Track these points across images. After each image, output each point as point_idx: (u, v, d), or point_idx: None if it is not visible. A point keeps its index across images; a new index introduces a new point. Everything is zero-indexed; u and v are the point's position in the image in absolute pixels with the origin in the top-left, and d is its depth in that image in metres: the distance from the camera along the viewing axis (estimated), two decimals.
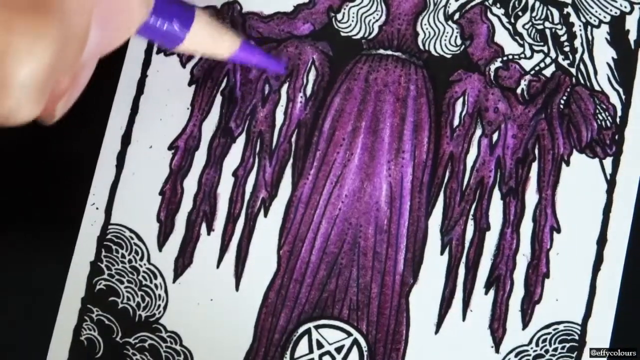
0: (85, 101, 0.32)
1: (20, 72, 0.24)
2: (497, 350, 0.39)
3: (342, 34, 0.40)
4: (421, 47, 0.40)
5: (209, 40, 0.36)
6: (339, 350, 0.39)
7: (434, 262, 0.39)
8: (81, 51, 0.27)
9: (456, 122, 0.40)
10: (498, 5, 0.40)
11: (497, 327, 0.39)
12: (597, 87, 0.40)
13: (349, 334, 0.39)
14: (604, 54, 0.40)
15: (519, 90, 0.40)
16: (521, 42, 0.40)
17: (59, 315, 0.39)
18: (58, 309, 0.39)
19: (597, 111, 0.39)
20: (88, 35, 0.27)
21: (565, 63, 0.40)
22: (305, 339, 0.39)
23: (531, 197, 0.39)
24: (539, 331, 0.39)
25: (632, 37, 0.40)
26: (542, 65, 0.40)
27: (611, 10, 0.40)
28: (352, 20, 0.40)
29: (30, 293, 0.40)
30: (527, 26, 0.40)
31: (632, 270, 0.39)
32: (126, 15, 0.29)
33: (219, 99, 0.40)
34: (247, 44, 0.38)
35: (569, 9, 0.40)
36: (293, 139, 0.40)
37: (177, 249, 0.39)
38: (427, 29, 0.40)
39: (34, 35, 0.23)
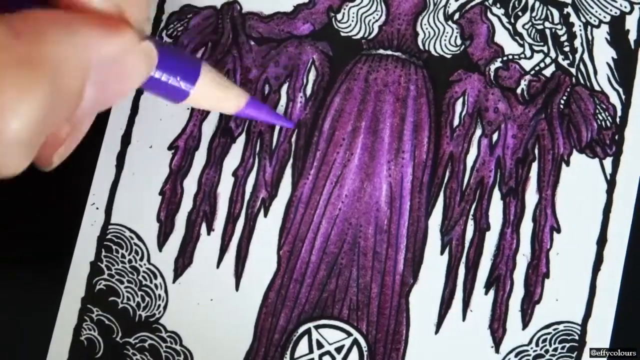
0: None
1: (8, 127, 0.23)
2: (497, 351, 0.39)
3: (342, 34, 0.40)
4: (421, 47, 0.40)
5: (215, 96, 0.35)
6: (339, 350, 0.39)
7: (434, 262, 0.39)
8: (73, 109, 0.26)
9: (456, 122, 0.40)
10: (498, 5, 0.40)
11: (497, 327, 0.39)
12: (597, 87, 0.40)
13: (349, 334, 0.39)
14: (604, 54, 0.40)
15: (519, 90, 0.40)
16: (521, 42, 0.40)
17: (59, 315, 0.39)
18: (58, 309, 0.39)
19: (597, 111, 0.39)
20: (82, 95, 0.26)
21: (565, 63, 0.40)
22: (305, 339, 0.39)
23: (531, 197, 0.39)
24: (539, 331, 0.39)
25: (632, 37, 0.40)
26: (542, 65, 0.40)
27: (611, 10, 0.40)
28: (352, 20, 0.40)
29: (30, 293, 0.39)
30: (527, 26, 0.40)
31: (632, 270, 0.39)
32: (126, 77, 0.28)
33: None
34: (254, 100, 0.37)
35: (569, 9, 0.40)
36: (293, 139, 0.40)
37: (177, 249, 0.39)
38: (427, 29, 0.40)
39: (21, 91, 0.23)
